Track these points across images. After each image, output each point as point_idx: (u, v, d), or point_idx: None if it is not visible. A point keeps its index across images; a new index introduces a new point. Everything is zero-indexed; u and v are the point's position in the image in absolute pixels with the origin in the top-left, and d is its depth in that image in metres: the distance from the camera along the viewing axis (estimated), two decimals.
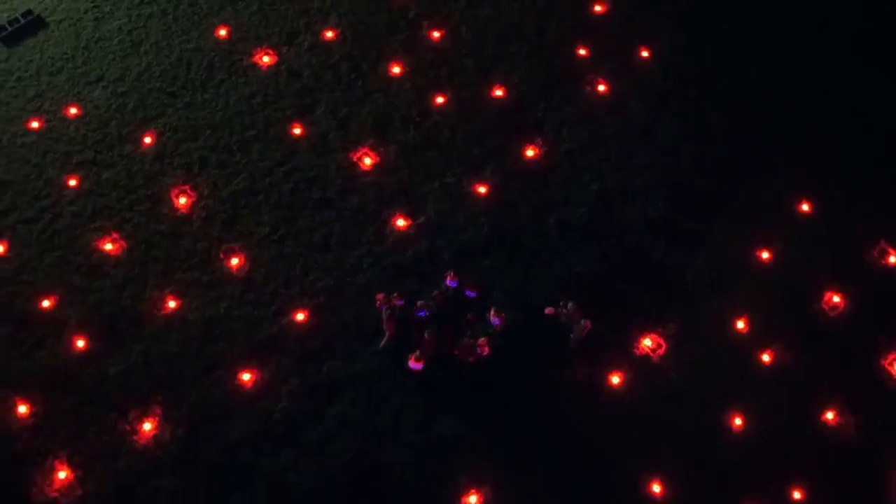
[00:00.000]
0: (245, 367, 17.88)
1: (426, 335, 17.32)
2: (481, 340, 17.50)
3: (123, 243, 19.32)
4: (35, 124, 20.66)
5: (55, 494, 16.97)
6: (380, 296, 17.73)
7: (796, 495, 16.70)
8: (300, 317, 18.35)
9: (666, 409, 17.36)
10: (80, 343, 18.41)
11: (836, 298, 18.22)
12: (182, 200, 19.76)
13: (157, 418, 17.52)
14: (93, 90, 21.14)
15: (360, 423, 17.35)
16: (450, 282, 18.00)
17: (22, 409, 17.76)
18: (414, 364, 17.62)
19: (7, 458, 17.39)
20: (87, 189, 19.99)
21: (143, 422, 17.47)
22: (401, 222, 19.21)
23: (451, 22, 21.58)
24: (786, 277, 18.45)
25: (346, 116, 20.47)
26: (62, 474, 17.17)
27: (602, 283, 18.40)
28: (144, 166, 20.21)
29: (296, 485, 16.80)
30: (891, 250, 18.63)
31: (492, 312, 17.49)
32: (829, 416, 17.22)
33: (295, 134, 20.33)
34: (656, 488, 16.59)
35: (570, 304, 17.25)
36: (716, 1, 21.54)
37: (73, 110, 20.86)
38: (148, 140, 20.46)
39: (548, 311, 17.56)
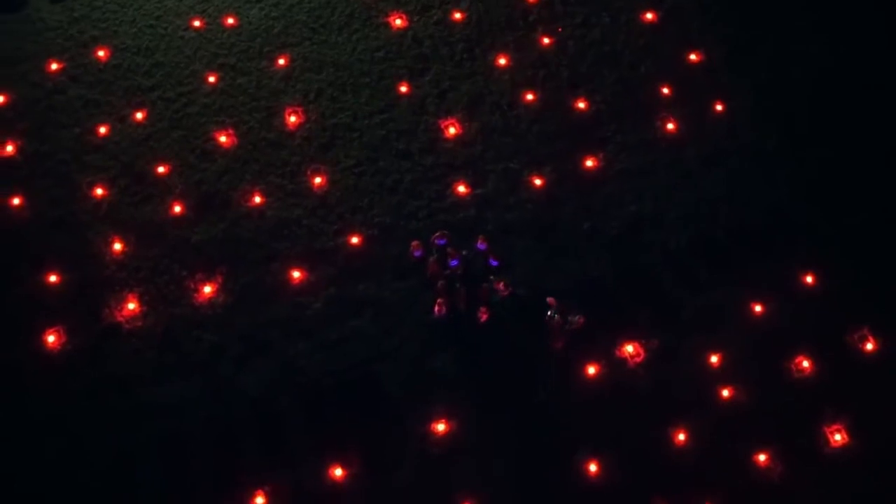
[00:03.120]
0: (297, 267, 21.00)
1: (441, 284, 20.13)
2: (500, 284, 20.24)
3: (235, 139, 22.59)
4: (197, 23, 24.04)
5: (121, 319, 20.52)
6: (415, 243, 20.64)
7: None
8: (354, 240, 21.29)
9: (625, 407, 19.71)
10: (178, 209, 21.81)
11: (805, 363, 20.05)
12: (292, 119, 22.88)
13: (216, 285, 20.82)
14: (251, 9, 24.33)
15: (371, 339, 20.29)
16: (479, 244, 20.67)
17: (117, 246, 21.32)
18: (437, 309, 20.42)
19: (95, 280, 21.03)
20: (220, 88, 23.31)
21: (205, 284, 20.82)
22: (461, 188, 21.87)
23: (562, 34, 24.04)
24: (768, 332, 20.33)
25: (446, 88, 23.17)
26: (131, 305, 20.69)
27: (608, 290, 20.71)
28: (272, 82, 23.40)
29: (303, 370, 19.93)
30: (870, 338, 20.36)
31: (502, 285, 20.18)
32: (762, 457, 19.27)
33: (400, 91, 23.14)
34: (592, 468, 19.09)
35: (556, 316, 19.76)
36: (794, 81, 23.37)
37: (231, 20, 24.12)
38: (281, 62, 23.60)
39: (549, 300, 20.16)
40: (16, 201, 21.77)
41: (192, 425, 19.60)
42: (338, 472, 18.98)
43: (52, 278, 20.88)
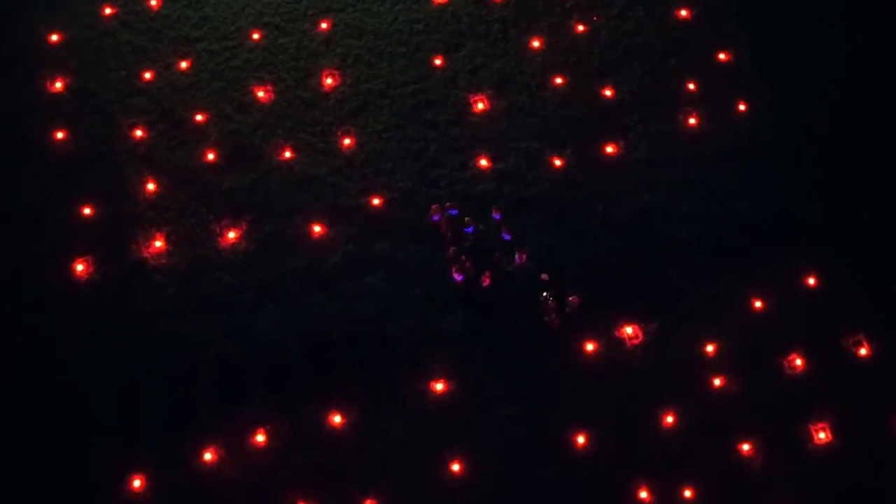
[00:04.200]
0: (319, 222, 21.47)
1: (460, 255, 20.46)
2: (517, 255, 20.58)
3: (272, 95, 23.02)
4: None
5: (146, 255, 21.10)
6: (434, 207, 21.01)
7: (686, 493, 19.25)
8: (376, 202, 21.69)
9: (619, 385, 20.02)
10: (211, 156, 22.30)
11: (798, 361, 20.20)
12: (328, 81, 23.26)
13: (240, 231, 21.32)
14: None
15: (383, 296, 20.74)
16: (494, 214, 21.02)
17: (150, 186, 21.84)
18: (456, 274, 20.82)
19: (126, 216, 21.63)
20: (264, 45, 23.70)
21: (230, 230, 21.34)
22: (483, 162, 22.17)
23: (596, 23, 24.14)
24: (766, 328, 20.52)
25: (479, 65, 23.40)
26: (158, 243, 21.24)
27: (614, 273, 20.98)
28: (312, 44, 23.77)
29: (316, 321, 20.43)
30: (864, 343, 20.44)
31: (517, 255, 20.47)
32: (746, 447, 19.48)
33: (435, 64, 23.40)
34: (580, 439, 19.43)
35: (551, 299, 20.08)
36: (818, 86, 23.28)
37: None
38: (324, 25, 23.95)
39: (544, 276, 20.49)
40: (59, 135, 22.38)
41: (204, 362, 20.18)
42: (337, 419, 19.53)
43: (87, 211, 21.50)
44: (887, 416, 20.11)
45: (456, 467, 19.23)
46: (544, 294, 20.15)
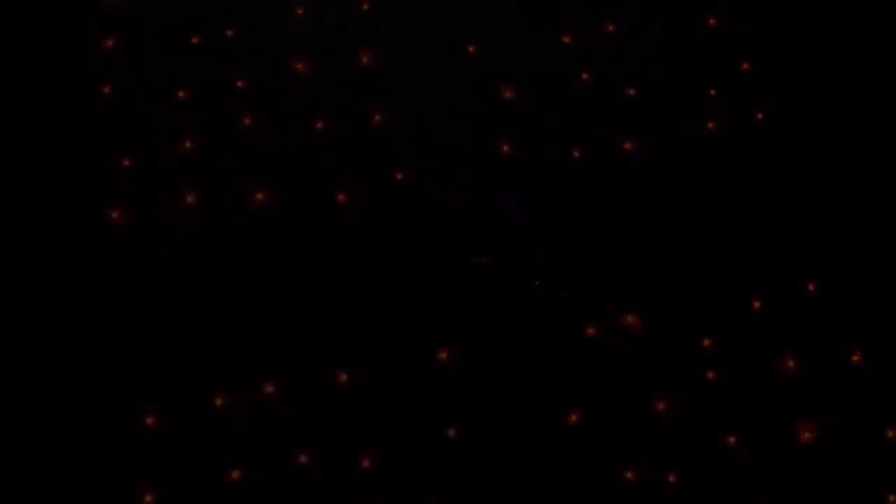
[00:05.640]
0: (343, 191, 21.98)
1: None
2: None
3: (312, 70, 23.52)
4: None
5: (177, 208, 21.76)
6: (449, 192, 21.52)
7: (671, 479, 19.56)
8: (399, 176, 22.25)
9: (614, 370, 20.37)
10: (248, 121, 22.83)
11: (791, 363, 20.52)
12: (364, 59, 23.76)
13: (269, 193, 22.05)
14: None
15: (398, 265, 21.24)
16: (509, 200, 21.44)
17: (188, 144, 22.55)
18: (473, 260, 21.29)
19: (160, 170, 22.09)
20: (307, 20, 24.34)
21: (259, 192, 21.94)
22: (506, 147, 22.62)
23: (625, 28, 24.59)
24: (764, 326, 20.78)
25: (510, 56, 23.90)
26: (190, 199, 21.88)
27: (619, 265, 21.32)
28: (354, 23, 24.18)
29: (330, 283, 20.99)
30: (858, 352, 20.70)
31: (521, 240, 20.99)
32: (732, 439, 19.80)
33: (468, 51, 23.86)
34: (572, 418, 19.83)
35: (543, 290, 20.47)
36: (839, 102, 23.61)
37: None
38: (365, 7, 24.57)
39: (539, 257, 20.94)
40: (106, 90, 23.12)
41: (221, 315, 20.80)
42: (343, 378, 20.08)
43: (126, 163, 22.18)
44: (875, 424, 20.49)
45: (451, 433, 19.77)
46: (536, 283, 20.59)
